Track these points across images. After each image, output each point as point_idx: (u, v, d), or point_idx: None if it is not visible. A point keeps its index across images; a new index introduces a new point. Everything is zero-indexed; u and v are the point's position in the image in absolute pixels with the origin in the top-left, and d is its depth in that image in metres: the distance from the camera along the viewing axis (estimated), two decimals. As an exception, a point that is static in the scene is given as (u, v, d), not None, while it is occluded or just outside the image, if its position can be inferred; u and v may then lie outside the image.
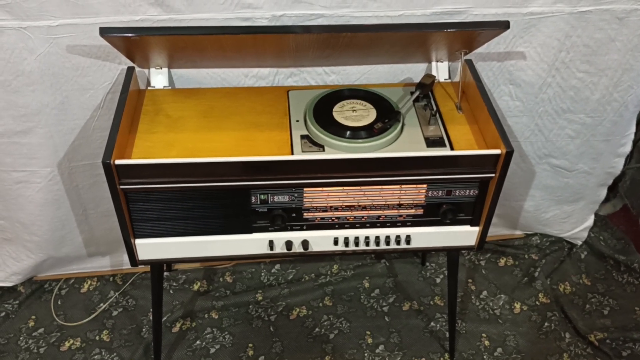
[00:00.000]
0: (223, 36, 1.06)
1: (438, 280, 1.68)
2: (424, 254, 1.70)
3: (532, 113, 1.42)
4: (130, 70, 1.21)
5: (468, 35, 1.13)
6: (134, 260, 1.18)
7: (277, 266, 1.70)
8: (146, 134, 1.14)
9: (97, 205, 1.46)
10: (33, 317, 1.55)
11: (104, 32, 1.02)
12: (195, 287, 1.64)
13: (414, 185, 1.14)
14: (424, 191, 1.15)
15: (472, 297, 1.64)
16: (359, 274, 1.68)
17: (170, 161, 1.05)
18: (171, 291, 1.63)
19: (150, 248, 1.17)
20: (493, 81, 1.35)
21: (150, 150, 1.10)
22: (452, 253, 1.34)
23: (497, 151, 1.08)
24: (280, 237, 1.19)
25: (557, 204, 1.65)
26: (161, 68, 1.24)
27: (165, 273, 1.67)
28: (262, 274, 1.69)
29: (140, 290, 1.62)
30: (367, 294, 1.64)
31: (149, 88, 1.25)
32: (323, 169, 1.09)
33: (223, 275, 1.68)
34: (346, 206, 1.17)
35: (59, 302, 1.59)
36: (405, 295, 1.64)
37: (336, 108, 1.19)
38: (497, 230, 1.76)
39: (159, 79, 1.24)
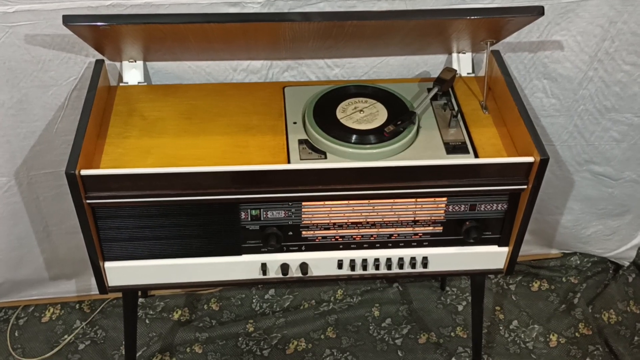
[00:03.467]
0: (208, 25, 1.06)
1: (460, 308, 1.67)
2: (443, 278, 1.70)
3: (571, 112, 1.42)
4: (99, 63, 1.21)
5: (495, 22, 1.13)
6: (102, 286, 1.18)
7: (272, 291, 1.70)
8: (118, 139, 1.13)
9: (61, 220, 1.45)
10: (-14, 351, 1.55)
11: (68, 20, 1.02)
12: (176, 315, 1.64)
13: (432, 199, 1.14)
14: (443, 205, 1.15)
15: (501, 327, 1.63)
16: (368, 301, 1.67)
17: (145, 171, 1.05)
18: (147, 321, 1.62)
19: (122, 272, 1.17)
20: (524, 75, 1.35)
21: (123, 158, 1.10)
22: (477, 277, 1.34)
23: (529, 159, 1.08)
24: (274, 260, 1.19)
25: (600, 218, 1.65)
26: (135, 61, 1.24)
27: (141, 300, 1.66)
28: (254, 300, 1.68)
29: (111, 320, 1.61)
30: (377, 324, 1.63)
31: (121, 84, 1.25)
32: (325, 180, 1.09)
33: (208, 302, 1.67)
34: (352, 223, 1.16)
35: (17, 334, 1.59)
36: (421, 325, 1.63)
37: (340, 108, 1.19)
38: (529, 249, 1.75)
39: (132, 73, 1.24)
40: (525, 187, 1.12)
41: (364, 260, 1.20)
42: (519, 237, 1.18)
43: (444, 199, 1.14)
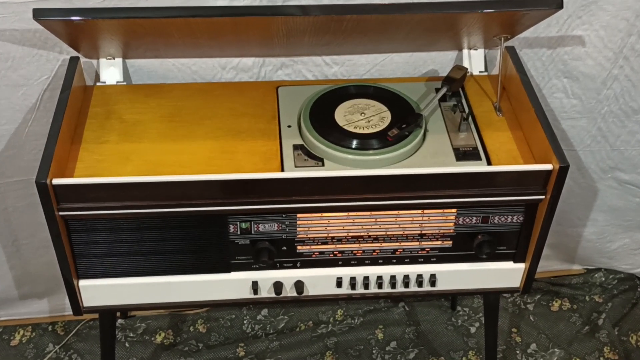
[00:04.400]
0: (193, 20, 1.06)
1: (473, 330, 1.67)
2: (454, 297, 1.70)
3: (594, 114, 1.42)
4: (74, 61, 1.21)
5: (510, 16, 1.13)
6: (77, 307, 1.17)
7: (264, 311, 1.70)
8: (94, 144, 1.14)
9: (33, 233, 1.45)
10: (-52, 377, 1.55)
11: (39, 14, 1.02)
12: (159, 338, 1.64)
13: (440, 210, 1.14)
14: (453, 218, 1.15)
15: (517, 351, 1.63)
16: (371, 322, 1.67)
17: (124, 180, 1.05)
18: (127, 344, 1.62)
19: (99, 292, 1.17)
20: (542, 74, 1.35)
21: (99, 165, 1.10)
22: (491, 296, 1.34)
23: (547, 166, 1.08)
24: (266, 278, 1.18)
25: (627, 230, 1.65)
26: (114, 58, 1.24)
27: (120, 321, 1.65)
28: (245, 321, 1.68)
29: (86, 343, 1.61)
30: (381, 348, 1.63)
31: (97, 84, 1.25)
32: (322, 189, 1.09)
33: (194, 324, 1.67)
34: (352, 237, 1.16)
35: (-17, 358, 1.59)
36: (430, 349, 1.63)
37: (339, 110, 1.19)
38: (549, 265, 1.75)
39: (110, 72, 1.24)
40: (543, 197, 1.12)
41: (366, 278, 1.20)
42: (537, 252, 1.18)
43: (454, 210, 1.14)
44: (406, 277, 1.20)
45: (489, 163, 1.12)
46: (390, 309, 1.70)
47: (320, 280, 1.20)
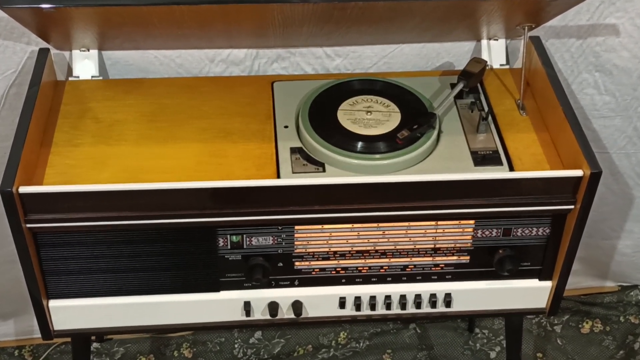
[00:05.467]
0: (177, 7, 1.06)
1: (493, 355, 1.67)
2: (471, 318, 1.70)
3: (629, 112, 1.42)
4: (43, 53, 1.21)
5: (535, 2, 1.13)
6: (47, 330, 1.17)
7: (258, 334, 1.70)
8: (66, 147, 1.13)
9: (-2, 246, 1.45)
10: None
11: (4, 2, 1.01)
12: (139, 364, 1.63)
13: (457, 222, 1.14)
14: (470, 230, 1.15)
15: (543, 379, 1.64)
16: (378, 345, 1.67)
17: (100, 188, 1.05)
18: (103, 371, 1.62)
19: (71, 313, 1.17)
20: (572, 67, 1.35)
21: (72, 171, 1.10)
22: (514, 318, 1.34)
23: (577, 172, 1.08)
24: (260, 298, 1.18)
25: (667, 243, 1.65)
26: (88, 50, 1.24)
27: (95, 345, 1.66)
28: (236, 345, 1.68)
29: (58, 370, 1.61)
30: (390, 375, 1.63)
31: (70, 79, 1.25)
32: (323, 198, 1.09)
33: (179, 348, 1.67)
34: (357, 252, 1.16)
35: (-59, 387, 1.59)
36: (445, 376, 1.63)
37: (343, 108, 1.18)
38: (578, 282, 1.75)
39: (85, 65, 1.24)
40: (572, 207, 1.11)
41: (372, 298, 1.19)
42: (566, 268, 1.17)
43: (472, 221, 1.14)
44: (418, 296, 1.20)
45: (511, 169, 1.12)
46: (400, 331, 1.69)
47: (320, 301, 1.20)
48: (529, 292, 1.22)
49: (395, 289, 1.20)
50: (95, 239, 1.10)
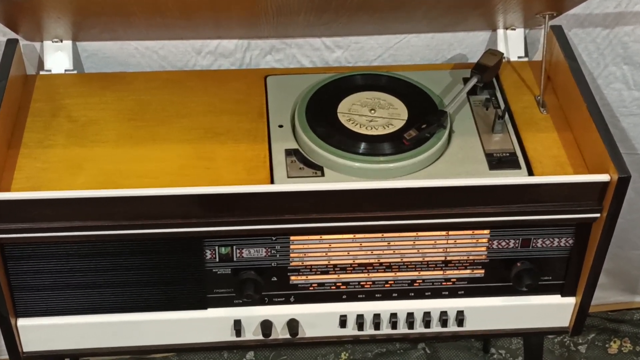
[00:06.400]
0: (160, -8, 1.07)
1: (510, 378, 1.67)
2: (486, 338, 1.69)
3: (661, 110, 1.42)
4: (11, 44, 1.21)
5: (556, -12, 1.14)
6: (15, 352, 1.17)
7: (250, 354, 1.70)
8: (37, 149, 1.13)
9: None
10: None
11: (-34, -13, 1.03)
12: (118, 388, 1.63)
13: (470, 232, 1.14)
14: (485, 241, 1.15)
15: (566, 405, 1.64)
16: (383, 368, 1.67)
17: (75, 194, 1.04)
18: (78, 396, 1.61)
19: (42, 333, 1.16)
20: (597, 60, 1.35)
21: (43, 175, 1.09)
22: (533, 338, 1.34)
23: (604, 177, 1.08)
24: (252, 316, 1.18)
25: (703, 254, 1.65)
26: (61, 41, 1.24)
27: (70, 366, 1.65)
28: (226, 367, 1.68)
29: (28, 395, 1.60)
30: (396, 401, 1.63)
31: (41, 73, 1.25)
32: (322, 206, 1.08)
33: (163, 370, 1.67)
34: (359, 265, 1.16)
35: None
36: (457, 402, 1.63)
37: (343, 105, 1.18)
38: (605, 296, 1.75)
39: (57, 58, 1.25)
40: (598, 215, 1.11)
41: (377, 316, 1.19)
42: (591, 282, 1.17)
43: (487, 231, 1.14)
44: (427, 314, 1.20)
45: (531, 173, 1.12)
46: (407, 352, 1.70)
47: (319, 319, 1.20)
48: (550, 309, 1.22)
49: (401, 306, 1.20)
50: (69, 251, 1.10)
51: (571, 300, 1.21)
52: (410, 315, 1.20)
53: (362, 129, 1.15)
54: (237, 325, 1.18)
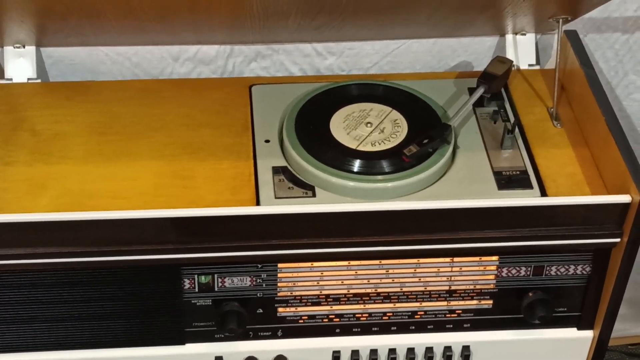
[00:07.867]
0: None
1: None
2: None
3: (686, 123, 1.44)
4: (-32, 50, 1.23)
5: (571, -10, 1.15)
6: (-28, 394, 1.17)
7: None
8: (-4, 166, 1.14)
9: None
10: None
11: None
12: None
13: (477, 258, 1.13)
14: (494, 268, 1.14)
15: None
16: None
17: (38, 217, 1.03)
18: None
19: (4, 371, 1.17)
20: (616, 68, 1.36)
21: (2, 196, 1.09)
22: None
23: (624, 197, 1.07)
24: (235, 352, 1.18)
25: None
26: (24, 46, 1.25)
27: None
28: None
29: None
30: None
31: (1, 82, 1.26)
32: (313, 230, 1.08)
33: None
34: (354, 295, 1.15)
35: None
36: None
37: (337, 118, 1.18)
38: (626, 328, 1.75)
39: (19, 65, 1.25)
40: (618, 239, 1.11)
41: (373, 352, 1.19)
42: (610, 314, 1.17)
43: (495, 258, 1.13)
44: (429, 350, 1.20)
45: (544, 193, 1.11)
46: (407, 387, 1.67)
47: (309, 355, 1.19)
48: (566, 344, 1.22)
49: (401, 341, 1.20)
50: (31, 280, 1.09)
51: (589, 334, 1.21)
52: (410, 351, 1.20)
53: (358, 144, 1.14)
54: (219, 363, 1.19)
